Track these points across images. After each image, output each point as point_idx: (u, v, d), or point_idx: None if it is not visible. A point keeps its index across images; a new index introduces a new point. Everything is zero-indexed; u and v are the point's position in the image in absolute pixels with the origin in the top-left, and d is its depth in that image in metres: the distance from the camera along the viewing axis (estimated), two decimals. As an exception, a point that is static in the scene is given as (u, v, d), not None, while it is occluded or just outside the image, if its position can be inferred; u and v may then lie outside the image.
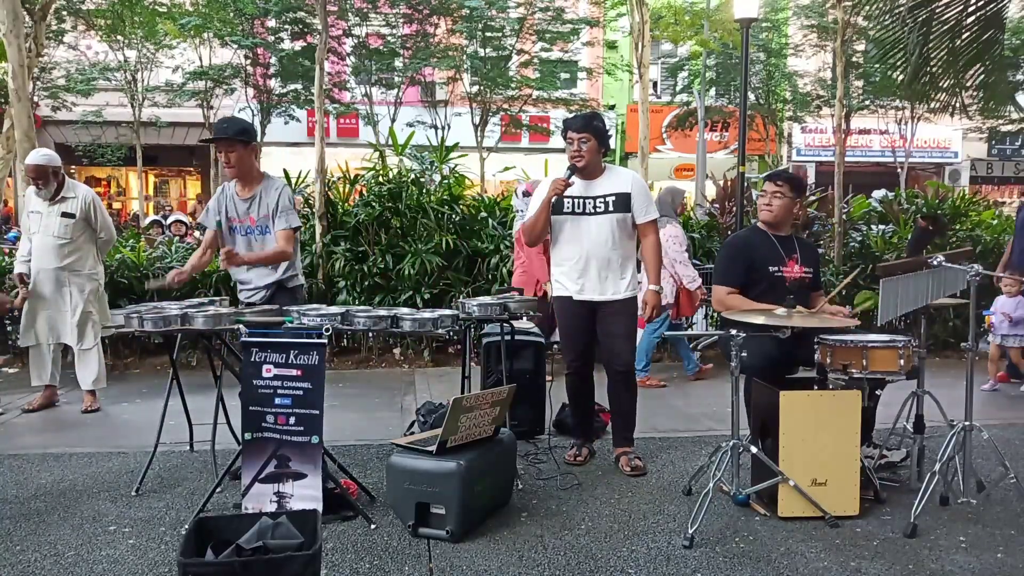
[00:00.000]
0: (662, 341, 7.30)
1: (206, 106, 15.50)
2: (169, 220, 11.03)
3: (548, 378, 4.82)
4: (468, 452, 3.35)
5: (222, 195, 4.08)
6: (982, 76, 5.81)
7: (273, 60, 15.50)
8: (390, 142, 7.56)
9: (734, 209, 7.77)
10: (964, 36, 5.51)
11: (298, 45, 15.22)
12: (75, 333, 5.34)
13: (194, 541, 2.57)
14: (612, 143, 19.31)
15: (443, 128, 15.19)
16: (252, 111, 16.12)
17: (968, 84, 5.95)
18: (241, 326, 3.43)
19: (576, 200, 4.08)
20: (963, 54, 5.59)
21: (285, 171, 7.35)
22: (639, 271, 4.32)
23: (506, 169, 9.06)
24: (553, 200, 4.05)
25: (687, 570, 3.03)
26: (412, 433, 4.55)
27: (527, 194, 6.08)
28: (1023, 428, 4.93)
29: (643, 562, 3.09)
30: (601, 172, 4.14)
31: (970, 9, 5.38)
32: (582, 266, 4.09)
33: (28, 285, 5.31)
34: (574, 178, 4.05)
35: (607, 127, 4.17)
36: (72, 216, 5.22)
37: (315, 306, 3.74)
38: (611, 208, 4.08)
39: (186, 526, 3.32)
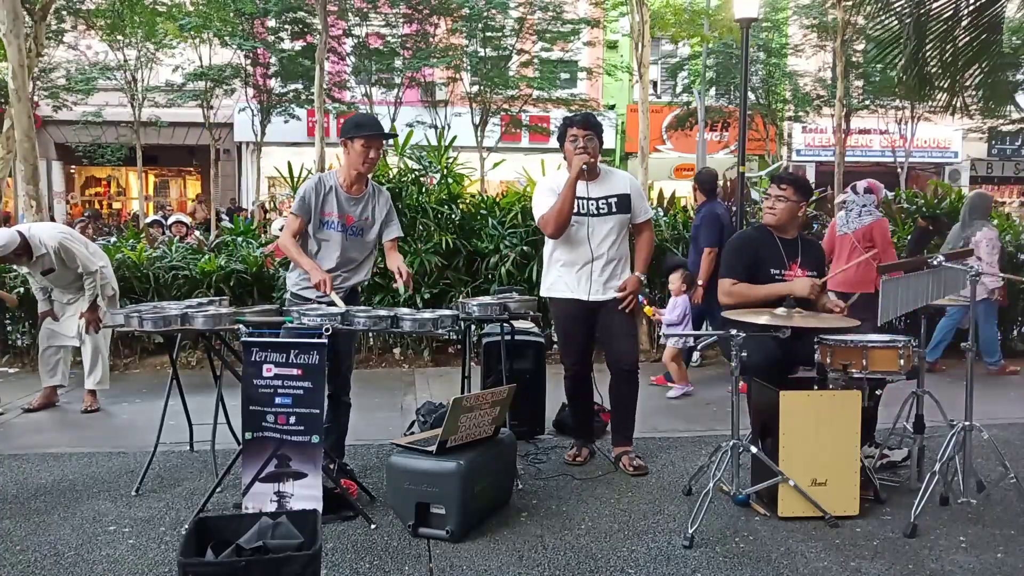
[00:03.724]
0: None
1: (206, 106, 15.50)
2: (170, 221, 11.02)
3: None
4: (468, 452, 3.35)
5: (320, 185, 3.82)
6: (981, 76, 5.81)
7: (273, 60, 15.51)
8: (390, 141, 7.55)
9: (734, 209, 7.76)
10: (962, 36, 5.52)
11: (298, 45, 15.23)
12: (80, 334, 5.35)
13: (194, 541, 2.57)
14: (612, 143, 19.47)
15: (443, 128, 15.19)
16: (252, 111, 16.13)
17: (968, 84, 5.95)
18: (241, 326, 3.43)
19: (581, 201, 4.07)
20: (962, 54, 5.60)
21: (289, 166, 7.34)
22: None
23: (496, 165, 9.01)
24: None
25: (687, 570, 3.03)
26: (412, 433, 4.55)
27: (868, 191, 6.07)
28: (1023, 428, 4.93)
29: (643, 562, 3.09)
30: (599, 173, 4.15)
31: (968, 9, 5.38)
32: (586, 267, 4.09)
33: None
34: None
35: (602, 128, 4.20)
36: (52, 270, 5.21)
37: (315, 306, 3.74)
38: (614, 209, 4.08)
39: (186, 526, 3.32)
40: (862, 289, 5.45)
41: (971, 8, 5.38)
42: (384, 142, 4.00)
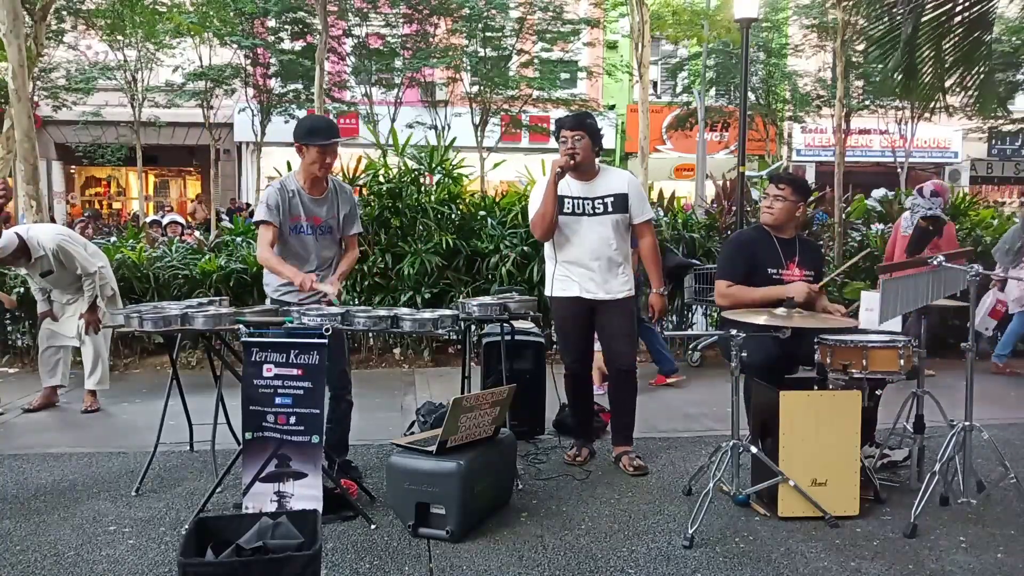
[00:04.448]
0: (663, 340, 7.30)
1: (206, 106, 15.50)
2: (165, 221, 10.98)
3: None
4: (468, 452, 3.35)
5: (284, 191, 3.82)
6: (972, 77, 5.82)
7: (273, 60, 15.50)
8: (390, 141, 7.55)
9: (733, 209, 7.77)
10: (954, 36, 5.52)
11: (298, 45, 15.23)
12: (79, 334, 5.35)
13: (194, 541, 2.57)
14: (612, 143, 19.48)
15: (443, 128, 15.20)
16: (252, 111, 16.13)
17: (968, 84, 5.95)
18: (241, 326, 3.43)
19: (576, 200, 4.07)
20: (952, 54, 5.61)
21: (289, 166, 7.35)
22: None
23: (495, 166, 9.02)
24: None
25: (687, 570, 3.03)
26: (412, 433, 4.55)
27: (935, 194, 6.10)
28: (1023, 428, 4.93)
29: (643, 562, 3.09)
30: (596, 172, 4.14)
31: (957, 10, 5.39)
32: (583, 266, 4.08)
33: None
34: (571, 180, 4.05)
35: (599, 127, 4.14)
36: (51, 271, 5.21)
37: (315, 306, 3.74)
38: (610, 209, 4.07)
39: (186, 526, 3.32)
40: None
41: (961, 8, 5.39)
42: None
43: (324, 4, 8.36)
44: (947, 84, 5.96)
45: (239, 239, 7.69)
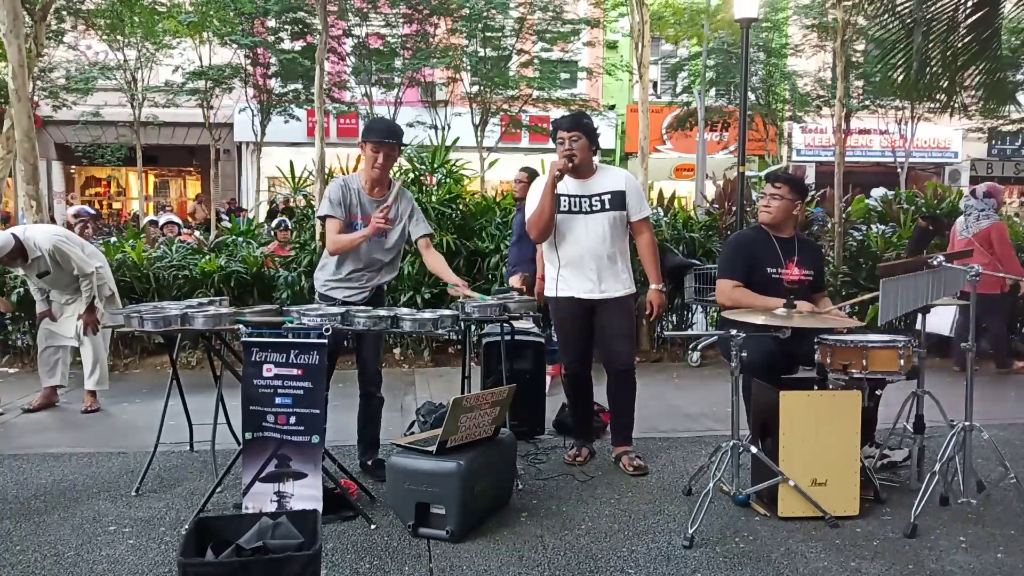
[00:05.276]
0: (663, 340, 7.32)
1: (206, 106, 15.48)
2: (162, 221, 10.96)
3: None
4: (468, 452, 3.36)
5: (346, 189, 3.92)
6: (980, 76, 5.81)
7: (273, 60, 15.48)
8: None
9: (733, 209, 7.77)
10: (961, 35, 5.52)
11: (298, 45, 15.21)
12: (78, 334, 5.35)
13: (194, 541, 2.57)
14: (612, 143, 19.46)
15: (443, 128, 15.18)
16: (252, 111, 16.12)
17: (967, 83, 5.95)
18: (241, 326, 3.43)
19: (572, 199, 4.08)
20: (961, 54, 5.60)
21: (291, 165, 7.35)
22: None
23: (491, 165, 9.06)
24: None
25: (687, 570, 3.03)
26: (412, 433, 4.56)
27: (988, 195, 6.14)
28: (1023, 428, 4.93)
29: (643, 562, 3.09)
30: (594, 171, 4.14)
31: (968, 9, 5.38)
32: (581, 265, 4.09)
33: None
34: (568, 178, 4.06)
35: (595, 126, 4.15)
36: (48, 272, 5.21)
37: (315, 306, 3.74)
38: (607, 206, 4.07)
39: (186, 526, 3.32)
40: (986, 291, 5.58)
41: (970, 8, 5.38)
42: (398, 146, 4.01)
43: (324, 4, 8.35)
44: (951, 83, 5.95)
45: (239, 239, 7.69)
